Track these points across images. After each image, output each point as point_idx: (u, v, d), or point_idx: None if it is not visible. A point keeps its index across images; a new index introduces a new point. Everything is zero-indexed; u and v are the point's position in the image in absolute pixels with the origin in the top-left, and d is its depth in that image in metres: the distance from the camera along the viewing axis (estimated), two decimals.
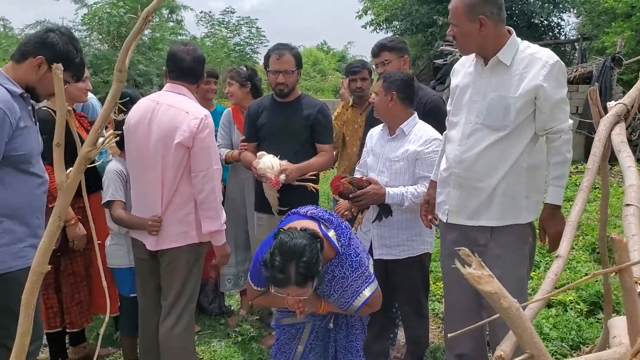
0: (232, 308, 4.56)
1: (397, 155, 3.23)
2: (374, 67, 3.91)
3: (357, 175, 3.45)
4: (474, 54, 2.78)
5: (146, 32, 16.85)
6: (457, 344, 2.88)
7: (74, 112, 3.39)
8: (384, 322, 3.55)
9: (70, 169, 1.20)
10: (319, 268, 2.34)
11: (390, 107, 3.23)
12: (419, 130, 3.25)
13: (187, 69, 3.06)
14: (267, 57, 3.71)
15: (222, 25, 19.28)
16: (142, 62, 14.61)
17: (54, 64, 2.31)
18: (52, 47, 2.45)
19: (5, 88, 2.37)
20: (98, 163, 3.39)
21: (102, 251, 3.42)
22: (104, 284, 1.44)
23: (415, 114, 3.32)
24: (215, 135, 3.21)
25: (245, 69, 4.21)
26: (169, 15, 19.40)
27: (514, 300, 0.96)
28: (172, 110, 2.94)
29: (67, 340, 3.62)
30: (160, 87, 13.25)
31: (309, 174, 3.62)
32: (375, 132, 3.44)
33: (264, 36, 18.83)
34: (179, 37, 18.65)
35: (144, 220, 2.99)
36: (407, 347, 3.60)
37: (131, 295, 3.36)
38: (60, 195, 1.17)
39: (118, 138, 3.02)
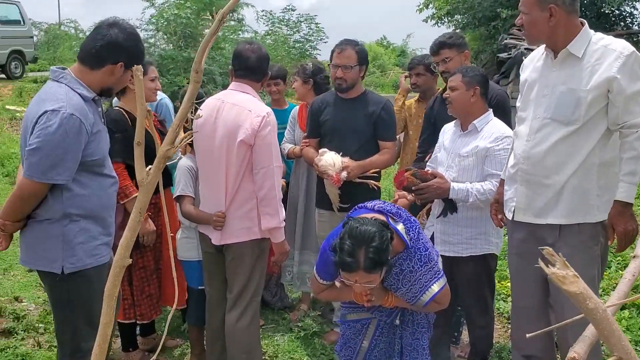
0: (294, 303, 4.61)
1: (466, 151, 3.18)
2: (434, 65, 3.85)
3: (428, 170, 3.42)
4: (543, 47, 2.70)
5: (207, 31, 17.16)
6: (524, 344, 2.82)
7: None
8: (448, 321, 3.50)
9: (150, 166, 1.24)
10: (388, 257, 2.35)
11: (472, 103, 3.18)
12: (492, 127, 3.18)
13: (252, 67, 3.12)
14: (332, 52, 3.74)
15: (282, 23, 19.44)
16: (205, 62, 14.93)
17: (134, 65, 2.42)
18: (125, 49, 2.49)
19: (78, 93, 2.42)
20: (174, 161, 3.50)
21: (173, 245, 3.54)
22: (175, 275, 1.49)
23: (491, 111, 3.26)
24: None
25: (311, 65, 4.24)
26: (231, 14, 19.78)
27: (600, 301, 0.93)
28: (236, 108, 3.00)
29: (137, 331, 3.75)
30: (224, 86, 13.54)
31: (371, 171, 3.62)
32: (449, 127, 3.39)
33: (324, 32, 18.88)
34: (241, 36, 18.98)
35: (210, 215, 3.07)
36: (471, 346, 3.55)
37: (199, 287, 3.46)
38: (140, 191, 1.22)
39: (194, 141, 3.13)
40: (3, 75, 14.82)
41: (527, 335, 1.07)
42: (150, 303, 3.57)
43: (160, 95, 3.95)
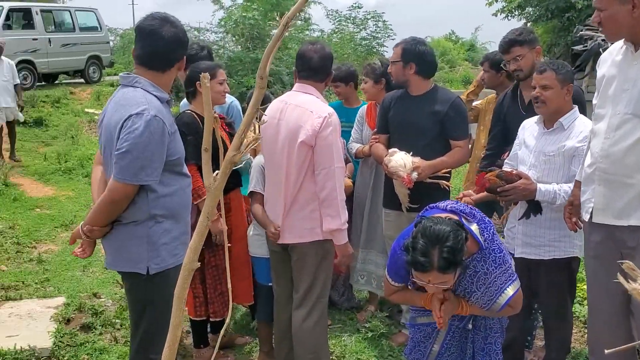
0: (362, 303, 4.59)
1: (552, 150, 3.05)
2: (504, 64, 3.73)
3: (506, 168, 3.31)
4: (622, 41, 2.57)
5: (275, 31, 17.41)
6: (603, 352, 2.69)
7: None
8: (522, 325, 3.39)
9: (217, 172, 1.26)
10: (463, 257, 2.29)
11: (566, 101, 3.06)
12: (580, 125, 3.04)
13: (315, 67, 3.12)
14: None
15: (349, 21, 19.42)
16: (272, 62, 15.12)
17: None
18: (185, 43, 2.56)
19: (155, 95, 2.49)
20: (240, 165, 3.57)
21: (241, 244, 3.61)
22: (229, 277, 1.50)
23: (576, 108, 3.12)
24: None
25: (379, 64, 4.20)
26: (298, 14, 19.90)
27: None
28: (298, 110, 3.02)
29: (208, 329, 3.84)
30: (291, 86, 13.68)
31: (442, 170, 3.55)
32: (529, 124, 3.26)
33: (391, 29, 18.74)
34: (308, 35, 19.10)
35: (270, 223, 3.13)
36: (546, 351, 3.43)
37: (268, 284, 3.51)
38: (208, 197, 1.24)
39: (260, 142, 3.17)
40: (82, 80, 15.53)
41: (606, 351, 1.01)
42: (223, 301, 3.64)
43: (230, 98, 4.02)
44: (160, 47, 2.50)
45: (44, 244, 6.30)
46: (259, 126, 2.99)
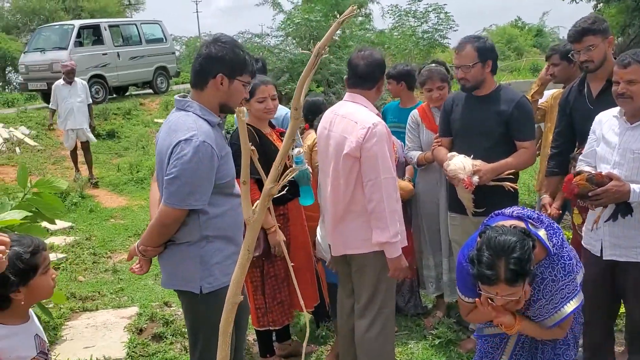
0: (429, 309, 4.51)
1: None
2: (572, 54, 3.53)
3: (583, 166, 3.09)
4: None
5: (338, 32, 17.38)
6: None
7: (273, 128, 3.60)
8: (607, 330, 3.21)
9: (257, 202, 1.25)
10: (531, 267, 2.19)
11: None
12: None
13: (362, 75, 3.05)
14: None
15: (410, 15, 19.16)
16: (333, 62, 15.12)
17: (239, 73, 2.37)
18: (222, 59, 2.50)
19: (205, 120, 2.51)
20: (295, 173, 3.57)
21: (302, 252, 3.62)
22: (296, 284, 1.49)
23: None
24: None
25: (443, 68, 4.11)
26: (358, 10, 19.80)
27: None
28: (345, 121, 2.98)
29: (274, 338, 3.87)
30: None
31: (507, 172, 3.43)
32: (606, 117, 3.01)
33: (453, 20, 18.36)
34: (369, 31, 18.98)
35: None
36: (629, 357, 3.24)
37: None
38: (248, 230, 1.23)
39: (297, 172, 3.17)
40: (150, 91, 16.09)
41: None
42: (282, 309, 3.66)
43: (285, 109, 4.02)
44: (195, 64, 2.56)
45: (118, 254, 6.54)
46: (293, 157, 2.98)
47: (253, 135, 3.41)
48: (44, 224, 3.45)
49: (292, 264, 1.52)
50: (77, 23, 14.75)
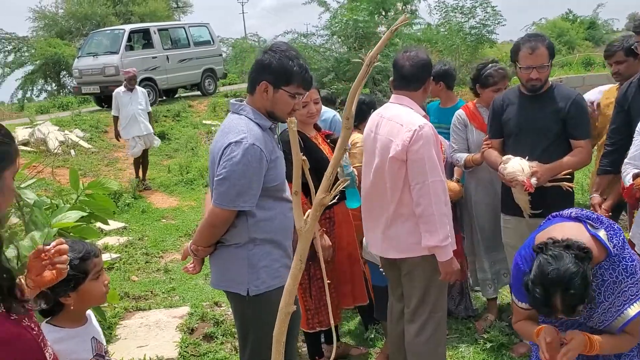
0: (479, 311, 4.43)
1: None
2: (636, 46, 3.40)
3: (630, 169, 2.99)
4: None
5: (381, 28, 17.34)
6: None
7: (319, 131, 3.60)
8: None
9: (309, 212, 1.25)
10: (589, 292, 2.10)
11: None
12: None
13: (407, 76, 3.01)
14: (515, 51, 3.45)
15: (456, 11, 18.87)
16: (379, 59, 15.06)
17: (284, 83, 2.40)
18: (268, 68, 2.53)
19: (257, 123, 2.55)
20: (346, 183, 3.57)
21: (350, 254, 3.62)
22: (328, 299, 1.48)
23: None
24: None
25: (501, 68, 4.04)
26: (403, 7, 19.65)
27: None
28: (390, 124, 2.94)
29: (322, 340, 3.87)
30: None
31: (563, 172, 3.34)
32: None
33: (501, 15, 17.98)
34: (414, 29, 18.79)
35: None
36: None
37: (384, 284, 3.54)
38: (300, 240, 1.23)
39: (348, 182, 3.16)
40: (198, 93, 16.36)
41: None
42: (328, 311, 3.67)
43: (331, 112, 4.01)
44: (250, 70, 2.63)
45: (169, 254, 6.69)
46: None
47: (299, 141, 3.43)
48: (98, 224, 3.55)
49: (327, 280, 1.50)
50: (128, 27, 15.13)
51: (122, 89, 9.06)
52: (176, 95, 16.39)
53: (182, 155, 11.43)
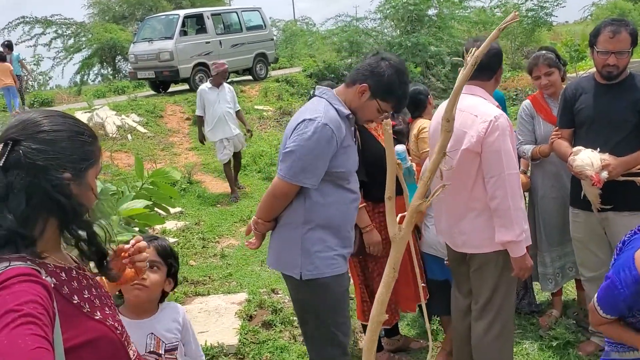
0: (543, 307, 4.30)
1: None
2: None
3: None
4: None
5: (432, 11, 17.01)
6: None
7: (381, 122, 3.54)
8: None
9: (402, 214, 1.20)
10: None
11: None
12: None
13: (480, 65, 2.90)
14: (595, 34, 3.28)
15: None
16: (432, 43, 14.79)
17: (380, 96, 2.38)
18: (378, 77, 2.56)
19: (335, 108, 2.59)
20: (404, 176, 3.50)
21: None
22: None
23: None
24: None
25: (548, 52, 3.86)
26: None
27: None
28: (463, 115, 2.83)
29: (382, 333, 3.84)
30: (452, 66, 13.20)
31: (638, 166, 3.18)
32: None
33: None
34: (467, 10, 18.36)
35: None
36: None
37: (441, 278, 3.52)
38: (393, 247, 1.18)
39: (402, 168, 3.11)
40: (250, 77, 16.43)
41: None
42: (388, 309, 3.61)
43: None
44: (359, 65, 2.69)
45: (225, 239, 6.77)
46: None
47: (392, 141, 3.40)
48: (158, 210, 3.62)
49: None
50: (182, 13, 15.28)
51: (207, 85, 8.04)
52: (228, 80, 16.51)
53: None
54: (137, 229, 3.14)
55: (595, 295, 2.30)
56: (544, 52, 3.88)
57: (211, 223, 7.24)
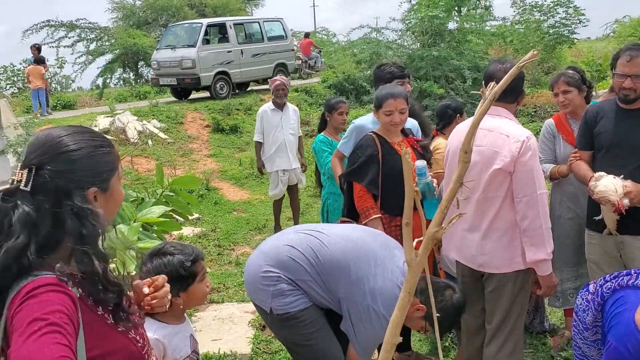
0: (555, 327, 4.30)
1: None
2: None
3: None
4: None
5: (452, 25, 17.01)
6: None
7: (407, 137, 3.60)
8: None
9: (418, 239, 1.24)
10: None
11: None
12: None
13: (506, 88, 2.94)
14: (615, 58, 3.32)
15: (535, 9, 18.29)
16: (453, 57, 14.79)
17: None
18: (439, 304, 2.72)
19: None
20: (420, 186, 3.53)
21: None
22: None
23: None
24: None
25: (574, 72, 3.88)
26: (477, 2, 19.18)
27: None
28: (492, 135, 2.87)
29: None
30: (473, 81, 13.10)
31: None
32: None
33: (583, 14, 17.29)
34: (487, 25, 18.31)
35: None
36: None
37: None
38: (409, 272, 1.23)
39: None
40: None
41: None
42: None
43: (413, 122, 3.98)
44: None
45: (240, 247, 6.84)
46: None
47: (376, 146, 3.44)
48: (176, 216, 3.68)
49: None
50: (205, 21, 15.45)
51: (270, 106, 6.86)
52: (248, 89, 16.64)
53: (253, 149, 11.59)
54: (154, 235, 3.21)
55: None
56: (569, 71, 3.92)
57: (227, 230, 7.31)
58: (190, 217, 7.31)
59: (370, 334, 2.73)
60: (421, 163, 3.44)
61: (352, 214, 3.57)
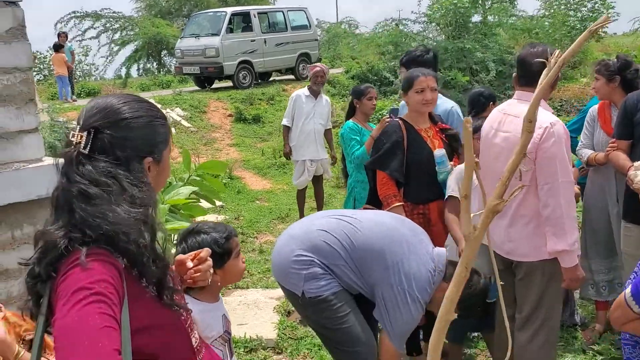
0: (586, 320, 4.22)
1: None
2: None
3: None
4: None
5: (476, 18, 16.81)
6: None
7: (435, 123, 3.53)
8: None
9: (479, 213, 1.20)
10: None
11: None
12: None
13: (535, 73, 2.87)
14: None
15: (562, 3, 18.00)
16: (478, 50, 14.63)
17: None
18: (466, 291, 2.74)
19: None
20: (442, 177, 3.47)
21: None
22: None
23: None
24: None
25: (616, 60, 3.79)
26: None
27: None
28: (517, 121, 2.79)
29: (420, 336, 3.81)
30: (497, 73, 12.98)
31: None
32: None
33: (613, 7, 16.96)
34: (512, 20, 18.08)
35: (460, 237, 3.09)
36: None
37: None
38: (467, 245, 1.18)
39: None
40: (292, 77, 16.52)
41: None
42: None
43: (450, 102, 3.92)
44: None
45: (263, 235, 6.82)
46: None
47: (402, 133, 3.40)
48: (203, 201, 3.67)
49: None
50: (229, 10, 15.46)
51: (305, 92, 6.60)
52: (270, 79, 16.63)
53: (275, 139, 11.60)
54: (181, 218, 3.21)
55: (629, 290, 2.14)
56: (607, 59, 3.87)
57: (250, 218, 7.31)
58: (215, 204, 7.42)
59: (406, 319, 2.69)
60: (440, 152, 3.39)
61: (375, 202, 3.53)
